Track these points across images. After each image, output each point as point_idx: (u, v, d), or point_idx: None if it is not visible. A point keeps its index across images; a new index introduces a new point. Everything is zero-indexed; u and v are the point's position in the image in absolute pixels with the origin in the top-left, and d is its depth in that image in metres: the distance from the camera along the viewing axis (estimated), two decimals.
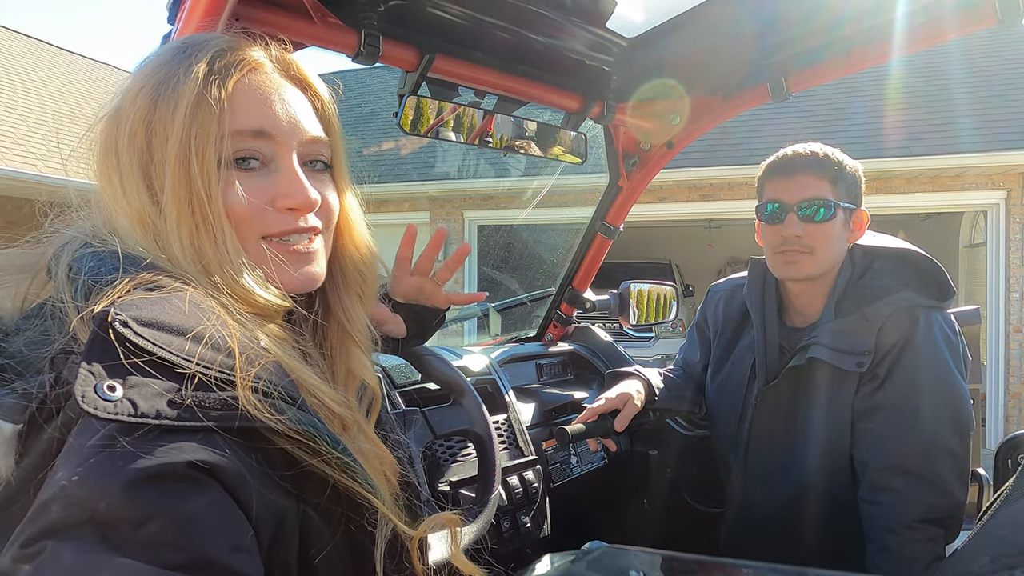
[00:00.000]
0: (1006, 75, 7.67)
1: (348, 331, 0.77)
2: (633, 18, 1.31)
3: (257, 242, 0.66)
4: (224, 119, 0.63)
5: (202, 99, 0.63)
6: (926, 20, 1.28)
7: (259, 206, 0.65)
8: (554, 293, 2.09)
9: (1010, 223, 6.82)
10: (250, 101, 0.66)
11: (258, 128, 0.66)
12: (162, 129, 0.63)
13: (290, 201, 0.67)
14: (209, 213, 0.62)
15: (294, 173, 0.68)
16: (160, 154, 0.63)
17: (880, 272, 1.47)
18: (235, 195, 0.64)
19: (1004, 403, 6.85)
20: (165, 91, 0.63)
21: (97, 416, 0.47)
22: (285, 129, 0.67)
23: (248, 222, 0.65)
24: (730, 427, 1.62)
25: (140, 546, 0.45)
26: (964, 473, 1.38)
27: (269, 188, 0.66)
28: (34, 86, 9.83)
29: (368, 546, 0.62)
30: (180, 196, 0.62)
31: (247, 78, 0.66)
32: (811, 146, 1.48)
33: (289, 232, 0.68)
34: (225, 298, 0.60)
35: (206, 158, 0.62)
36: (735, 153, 7.36)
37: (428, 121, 1.34)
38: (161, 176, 0.62)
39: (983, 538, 0.83)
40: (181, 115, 0.62)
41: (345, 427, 0.68)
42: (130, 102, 0.64)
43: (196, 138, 0.62)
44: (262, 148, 0.66)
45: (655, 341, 8.68)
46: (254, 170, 0.66)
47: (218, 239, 0.62)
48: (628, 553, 1.06)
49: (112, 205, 0.64)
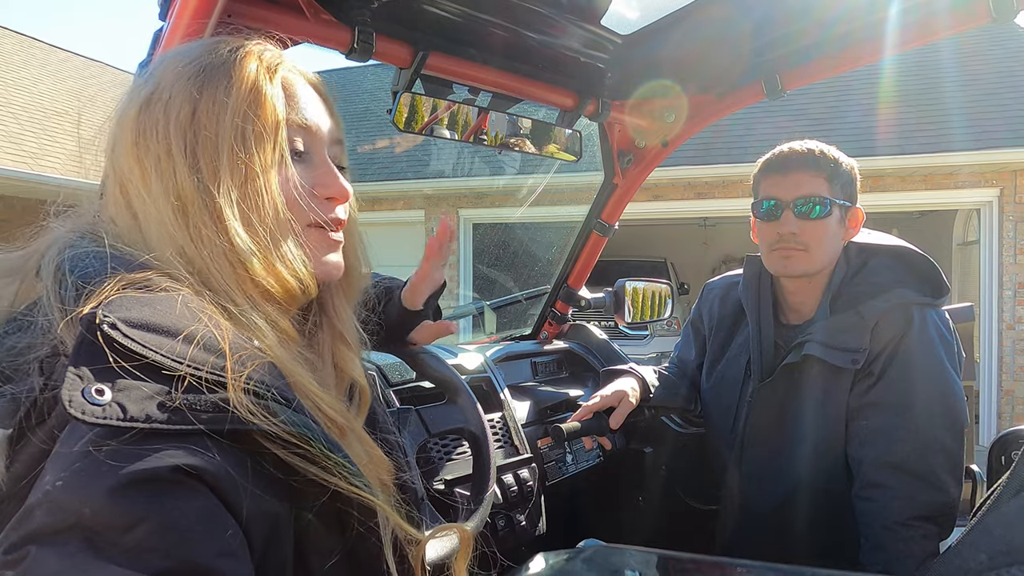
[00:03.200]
0: (999, 73, 7.70)
1: (339, 330, 0.78)
2: (628, 15, 1.31)
3: (305, 228, 0.68)
4: (279, 107, 0.66)
5: (258, 86, 0.65)
6: (920, 18, 1.28)
7: (308, 192, 0.68)
8: (549, 291, 2.08)
9: (1003, 221, 6.85)
10: (293, 95, 0.69)
11: (304, 121, 0.69)
12: (212, 108, 0.63)
13: (330, 191, 0.70)
14: (265, 191, 0.64)
15: (331, 165, 0.72)
16: (211, 131, 0.63)
17: (875, 270, 1.47)
18: (285, 180, 0.66)
19: (997, 400, 6.89)
20: (214, 75, 0.64)
21: (84, 421, 0.46)
22: (322, 126, 0.72)
23: (299, 208, 0.67)
24: (725, 424, 1.63)
25: (126, 552, 0.44)
26: (958, 470, 1.38)
27: (309, 177, 0.69)
28: (26, 84, 9.77)
29: (370, 549, 0.62)
30: (238, 171, 0.62)
31: (288, 75, 0.69)
32: (807, 143, 1.48)
33: (330, 221, 0.71)
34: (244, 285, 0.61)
35: (263, 141, 0.64)
36: (730, 151, 7.37)
37: (422, 118, 1.33)
38: (213, 153, 0.62)
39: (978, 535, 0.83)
40: (237, 98, 0.63)
41: (343, 433, 0.68)
42: (169, 85, 0.64)
43: (254, 122, 0.63)
44: (305, 140, 0.70)
45: (650, 339, 8.69)
46: (298, 160, 0.69)
47: (270, 216, 0.64)
48: (623, 551, 1.06)
49: (141, 191, 0.62)
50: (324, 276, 0.71)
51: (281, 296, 0.64)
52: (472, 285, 8.94)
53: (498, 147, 1.48)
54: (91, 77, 11.58)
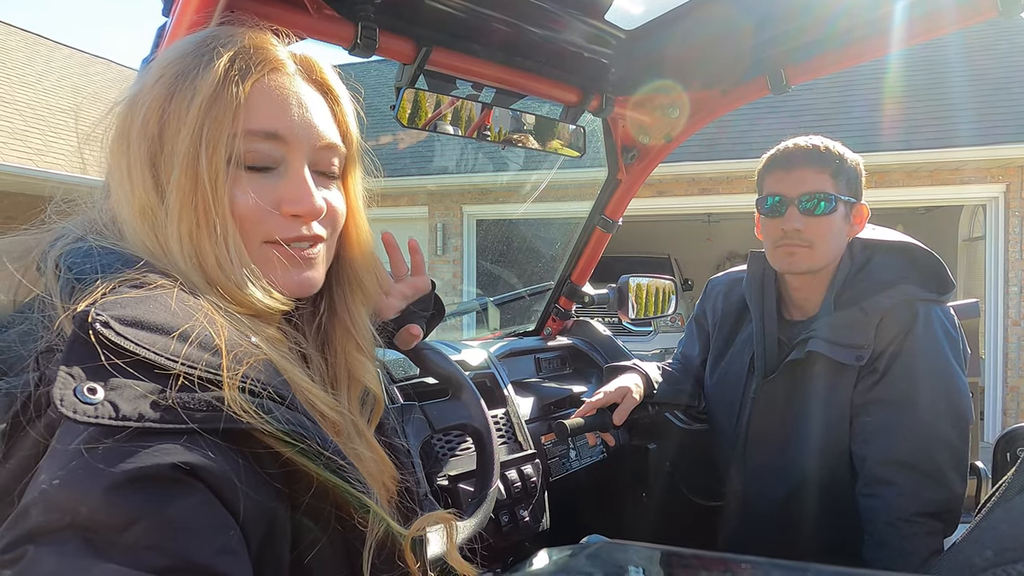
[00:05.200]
0: (1005, 68, 7.65)
1: (352, 333, 0.76)
2: (631, 10, 1.30)
3: (260, 245, 0.65)
4: (239, 117, 0.62)
5: (219, 95, 0.62)
6: (925, 12, 1.27)
7: (264, 209, 0.64)
8: (553, 287, 2.08)
9: (1009, 217, 6.82)
10: (266, 102, 0.65)
11: (271, 130, 0.65)
12: (175, 121, 0.62)
13: (295, 208, 0.66)
14: (213, 210, 0.61)
15: (302, 179, 0.67)
16: (170, 146, 0.62)
17: (879, 266, 1.47)
18: (242, 195, 0.63)
19: (1002, 397, 6.86)
20: (183, 83, 0.62)
21: (76, 420, 0.46)
22: (299, 133, 0.66)
23: (252, 224, 0.64)
24: (729, 421, 1.62)
25: (123, 550, 0.44)
26: (963, 467, 1.38)
27: (276, 191, 0.66)
28: (31, 81, 9.79)
29: (359, 546, 0.61)
30: (185, 190, 0.61)
31: (267, 78, 0.65)
32: (812, 139, 1.47)
33: (292, 240, 0.67)
34: (217, 297, 0.59)
35: (216, 154, 0.61)
36: (734, 147, 7.35)
37: (426, 114, 1.33)
38: (168, 168, 0.61)
39: (984, 532, 0.83)
40: (196, 109, 0.61)
41: (337, 431, 0.67)
42: (148, 89, 0.64)
43: (208, 133, 0.61)
44: (273, 151, 0.65)
45: (654, 335, 8.67)
46: (263, 172, 0.65)
47: (219, 237, 0.61)
48: (626, 547, 1.06)
49: (118, 191, 0.63)
50: (293, 293, 0.68)
51: (250, 311, 0.62)
52: (476, 281, 8.94)
53: (502, 143, 1.48)
54: (95, 74, 11.60)
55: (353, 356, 0.76)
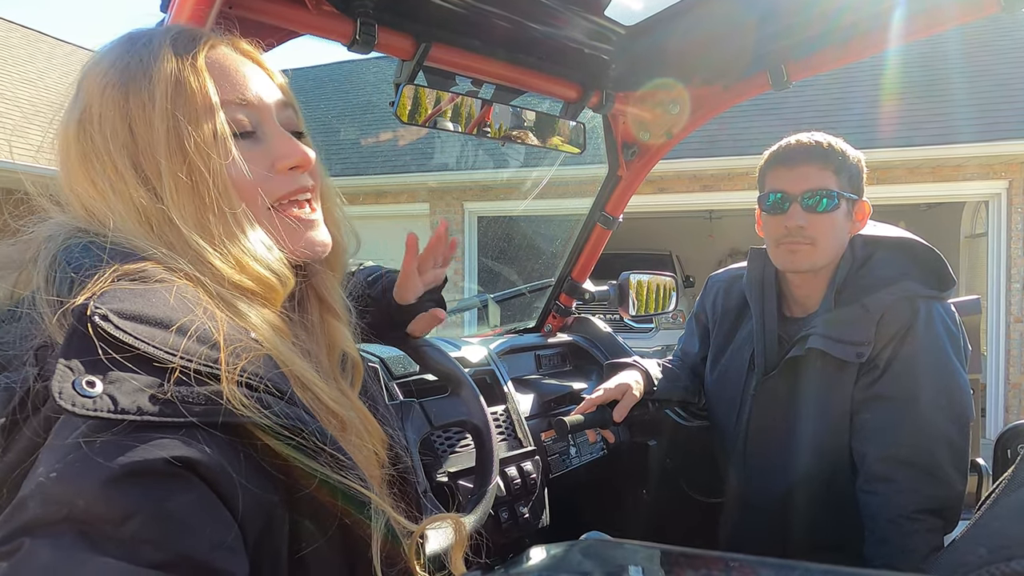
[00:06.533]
0: (1007, 64, 7.63)
1: (328, 303, 0.77)
2: (632, 6, 1.30)
3: (267, 211, 0.66)
4: (209, 92, 0.63)
5: (180, 77, 0.62)
6: (927, 7, 1.27)
7: (262, 173, 0.66)
8: (553, 284, 2.08)
9: (1011, 213, 6.80)
10: (223, 73, 0.66)
11: (243, 97, 0.66)
12: (142, 114, 0.61)
13: (289, 160, 0.68)
14: (212, 187, 0.61)
15: (285, 135, 0.69)
16: (146, 140, 0.61)
17: (880, 262, 1.46)
18: (237, 166, 0.64)
19: (1004, 393, 6.86)
20: (135, 78, 0.62)
21: (75, 413, 0.46)
22: (263, 96, 0.68)
23: (255, 191, 0.65)
24: (729, 418, 1.62)
25: (119, 544, 0.44)
26: (963, 463, 1.37)
27: (265, 154, 0.67)
28: (32, 78, 9.78)
29: (362, 542, 0.61)
30: (179, 175, 0.61)
31: (211, 54, 0.66)
32: (814, 135, 1.46)
33: (296, 192, 0.68)
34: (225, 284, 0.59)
35: (201, 132, 0.62)
36: (735, 143, 7.33)
37: (426, 111, 1.33)
38: (153, 163, 0.61)
39: (980, 529, 0.82)
40: (162, 96, 0.61)
41: (343, 426, 0.67)
42: (97, 101, 0.63)
43: (185, 115, 0.61)
44: (250, 115, 0.67)
45: (655, 332, 8.68)
46: (248, 139, 0.66)
47: (226, 212, 0.62)
48: (624, 545, 1.06)
49: (102, 208, 0.62)
50: (308, 256, 0.70)
51: (261, 292, 0.62)
52: (476, 278, 8.93)
53: (502, 140, 1.47)
54: None
55: (331, 324, 0.77)
